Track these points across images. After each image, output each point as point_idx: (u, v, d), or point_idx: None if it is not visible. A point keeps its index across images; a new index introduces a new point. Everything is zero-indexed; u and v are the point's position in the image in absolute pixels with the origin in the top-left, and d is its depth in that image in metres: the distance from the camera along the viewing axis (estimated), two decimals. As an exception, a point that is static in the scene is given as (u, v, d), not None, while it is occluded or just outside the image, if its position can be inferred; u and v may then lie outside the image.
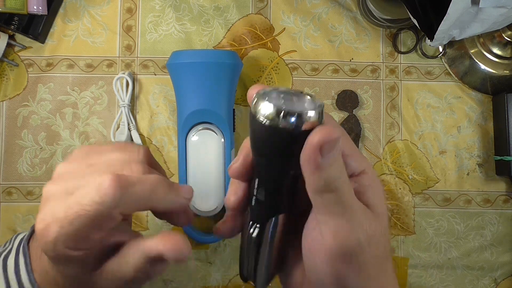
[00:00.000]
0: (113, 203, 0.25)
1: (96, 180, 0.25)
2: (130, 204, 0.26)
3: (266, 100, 0.23)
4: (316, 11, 0.60)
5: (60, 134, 0.58)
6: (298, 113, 0.23)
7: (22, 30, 0.56)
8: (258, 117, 0.23)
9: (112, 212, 0.26)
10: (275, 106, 0.23)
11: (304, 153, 0.24)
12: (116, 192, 0.25)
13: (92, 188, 0.25)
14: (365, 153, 0.59)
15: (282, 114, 0.23)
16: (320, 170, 0.24)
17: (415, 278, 0.58)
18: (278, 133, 0.23)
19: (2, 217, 0.57)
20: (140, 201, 0.27)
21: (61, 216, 0.25)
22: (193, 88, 0.52)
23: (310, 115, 0.23)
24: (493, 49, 0.57)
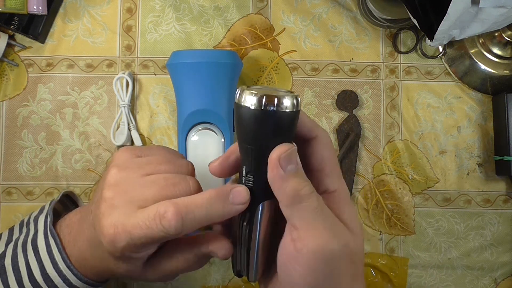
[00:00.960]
0: (176, 231, 0.28)
1: (161, 208, 0.28)
2: (191, 228, 0.29)
3: (249, 89, 0.28)
4: (316, 11, 0.60)
5: (60, 134, 0.58)
6: (277, 96, 0.27)
7: (22, 30, 0.56)
8: (244, 104, 0.27)
9: (174, 236, 0.29)
10: (258, 93, 0.27)
11: (269, 171, 0.27)
12: (178, 224, 0.28)
13: (157, 215, 0.28)
14: (365, 153, 0.59)
15: (265, 98, 0.27)
16: (284, 182, 0.27)
17: (415, 278, 0.58)
18: (262, 116, 0.27)
19: (2, 217, 0.57)
20: (199, 223, 0.30)
21: (130, 229, 0.29)
22: (193, 88, 0.51)
23: (288, 98, 0.27)
24: (493, 49, 0.57)
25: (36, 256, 0.37)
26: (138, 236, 0.29)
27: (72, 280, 0.36)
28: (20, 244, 0.39)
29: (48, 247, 0.37)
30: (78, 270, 0.36)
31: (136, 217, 0.29)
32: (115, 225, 0.29)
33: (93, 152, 0.58)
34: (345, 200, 0.31)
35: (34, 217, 0.42)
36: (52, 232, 0.37)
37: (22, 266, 0.37)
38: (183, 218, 0.28)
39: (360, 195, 0.59)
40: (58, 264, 0.36)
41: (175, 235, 0.29)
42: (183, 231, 0.29)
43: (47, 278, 0.36)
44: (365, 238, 0.58)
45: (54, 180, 0.58)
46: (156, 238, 0.29)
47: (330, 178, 0.30)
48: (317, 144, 0.31)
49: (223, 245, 0.32)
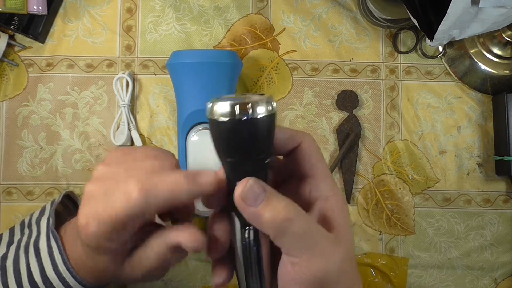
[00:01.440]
0: (140, 209, 0.28)
1: (128, 188, 0.29)
2: (156, 205, 0.29)
3: (220, 101, 0.26)
4: (316, 11, 0.60)
5: (60, 134, 0.58)
6: (250, 103, 0.26)
7: (22, 30, 0.56)
8: (217, 118, 0.26)
9: (140, 216, 0.29)
10: (229, 103, 0.26)
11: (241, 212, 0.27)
12: (141, 200, 0.28)
13: (123, 196, 0.29)
14: (365, 153, 0.59)
15: (237, 107, 0.26)
16: (260, 217, 0.26)
17: (415, 278, 0.58)
18: (238, 126, 0.26)
19: (2, 217, 0.57)
20: (164, 200, 0.29)
21: (100, 215, 0.29)
22: (193, 88, 0.51)
23: (260, 102, 0.26)
24: (493, 49, 0.57)
25: (37, 258, 0.37)
26: (105, 220, 0.29)
27: (71, 283, 0.36)
28: (23, 246, 0.39)
29: (50, 248, 0.37)
30: (77, 273, 0.36)
31: (107, 202, 0.29)
32: (87, 215, 0.30)
33: (93, 152, 0.58)
34: (340, 205, 0.30)
35: (36, 218, 0.42)
36: (54, 233, 0.37)
37: (22, 268, 0.37)
38: (147, 195, 0.28)
39: (360, 195, 0.59)
40: (58, 266, 0.36)
41: (139, 212, 0.28)
42: (147, 208, 0.28)
43: (46, 280, 0.36)
44: (365, 238, 0.58)
45: (54, 180, 0.58)
46: (122, 219, 0.29)
47: (324, 183, 0.30)
48: (304, 151, 0.30)
49: (192, 234, 0.30)
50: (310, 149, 0.30)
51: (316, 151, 0.30)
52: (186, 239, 0.30)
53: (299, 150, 0.30)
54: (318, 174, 0.30)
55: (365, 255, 0.58)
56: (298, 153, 0.30)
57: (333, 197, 0.30)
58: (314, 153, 0.30)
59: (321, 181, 0.30)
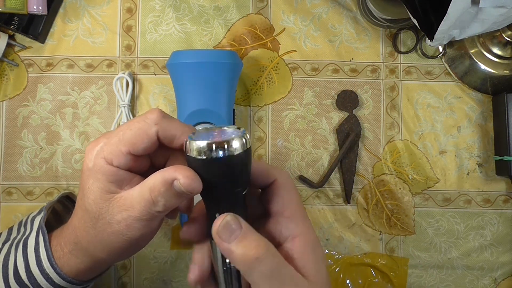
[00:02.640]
0: (155, 120, 0.31)
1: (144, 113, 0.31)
2: (166, 128, 0.31)
3: (196, 140, 0.27)
4: (316, 11, 0.60)
5: (60, 134, 0.58)
6: (226, 141, 0.27)
7: (22, 30, 0.56)
8: (195, 156, 0.27)
9: (151, 130, 0.31)
10: (206, 142, 0.27)
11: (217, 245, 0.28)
12: (158, 115, 0.31)
13: (139, 116, 0.31)
14: (365, 153, 0.59)
15: (214, 146, 0.27)
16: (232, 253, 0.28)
17: (415, 278, 0.58)
18: (214, 163, 0.27)
19: (2, 217, 0.57)
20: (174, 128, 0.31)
21: (110, 136, 0.31)
22: (193, 88, 0.51)
23: (236, 139, 0.27)
24: (493, 49, 0.57)
25: (24, 254, 0.37)
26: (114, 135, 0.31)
27: (55, 279, 0.36)
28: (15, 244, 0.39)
29: (37, 244, 0.37)
30: (62, 269, 0.35)
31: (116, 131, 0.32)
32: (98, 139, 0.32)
33: (93, 152, 0.58)
34: (310, 245, 0.30)
35: (32, 217, 0.42)
36: (43, 230, 0.37)
37: (10, 263, 0.37)
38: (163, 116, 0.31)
39: (360, 195, 0.59)
40: (42, 262, 0.36)
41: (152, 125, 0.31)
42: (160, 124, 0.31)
43: (30, 276, 0.36)
44: (365, 238, 0.58)
45: (54, 180, 0.58)
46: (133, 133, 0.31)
47: (293, 222, 0.30)
48: (277, 187, 0.31)
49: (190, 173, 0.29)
50: (284, 187, 0.31)
51: (290, 188, 0.31)
52: (183, 174, 0.29)
53: (273, 187, 0.31)
54: (289, 213, 0.31)
55: (365, 255, 0.58)
56: (272, 189, 0.31)
57: (301, 238, 0.30)
58: (287, 191, 0.31)
59: (291, 220, 0.30)
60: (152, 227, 0.33)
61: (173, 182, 0.29)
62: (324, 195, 0.59)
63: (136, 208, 0.31)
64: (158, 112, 0.31)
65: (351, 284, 0.58)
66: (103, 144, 0.31)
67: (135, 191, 0.31)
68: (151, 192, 0.30)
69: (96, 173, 0.31)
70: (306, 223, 0.31)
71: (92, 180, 0.31)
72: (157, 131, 0.31)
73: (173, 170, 0.30)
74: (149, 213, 0.31)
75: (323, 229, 0.59)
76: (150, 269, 0.57)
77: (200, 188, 0.29)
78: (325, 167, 0.59)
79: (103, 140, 0.31)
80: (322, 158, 0.59)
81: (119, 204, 0.31)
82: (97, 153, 0.31)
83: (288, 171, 0.31)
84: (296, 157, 0.59)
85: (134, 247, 0.35)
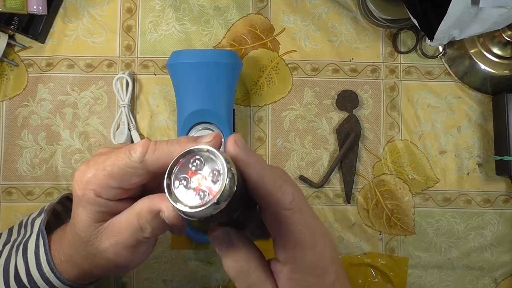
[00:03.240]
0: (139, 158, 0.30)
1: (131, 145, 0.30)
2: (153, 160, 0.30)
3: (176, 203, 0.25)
4: (316, 11, 0.60)
5: (60, 134, 0.58)
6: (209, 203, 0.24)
7: (22, 30, 0.56)
8: (181, 214, 0.25)
9: (137, 167, 0.30)
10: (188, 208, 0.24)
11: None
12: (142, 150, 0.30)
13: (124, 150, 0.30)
14: (365, 153, 0.59)
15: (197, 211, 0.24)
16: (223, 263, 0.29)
17: (415, 278, 0.58)
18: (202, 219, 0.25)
19: (2, 217, 0.57)
20: (161, 156, 0.30)
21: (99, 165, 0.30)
22: (193, 88, 0.51)
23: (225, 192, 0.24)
24: (493, 49, 0.57)
25: (24, 257, 0.37)
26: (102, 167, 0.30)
27: (55, 283, 0.36)
28: (15, 246, 0.39)
29: (37, 248, 0.37)
30: (61, 273, 0.36)
31: (106, 158, 0.32)
32: (87, 165, 0.32)
33: (93, 152, 0.58)
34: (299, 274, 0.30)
35: (32, 219, 0.42)
36: (43, 233, 0.37)
37: (11, 267, 0.37)
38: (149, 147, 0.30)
39: (360, 195, 0.59)
40: (42, 266, 0.36)
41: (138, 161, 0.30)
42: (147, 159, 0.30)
43: (31, 280, 0.36)
44: (365, 238, 0.58)
45: (54, 180, 0.58)
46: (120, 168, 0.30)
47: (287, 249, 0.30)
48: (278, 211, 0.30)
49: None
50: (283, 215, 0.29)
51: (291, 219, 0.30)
52: (167, 207, 0.29)
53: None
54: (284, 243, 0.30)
55: (365, 255, 0.58)
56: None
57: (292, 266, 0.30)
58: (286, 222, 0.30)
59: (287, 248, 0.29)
60: (140, 252, 0.33)
61: (159, 212, 0.30)
62: (324, 195, 0.59)
63: (124, 234, 0.31)
64: (142, 147, 0.30)
65: (351, 284, 0.58)
66: (92, 176, 0.30)
67: (122, 216, 0.31)
68: (139, 218, 0.30)
69: (86, 204, 0.31)
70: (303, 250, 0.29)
71: (82, 208, 0.32)
72: (145, 167, 0.30)
73: (160, 201, 0.29)
74: (137, 239, 0.31)
75: (323, 229, 0.59)
76: (150, 269, 0.57)
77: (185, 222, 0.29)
78: (325, 167, 0.59)
79: (92, 170, 0.31)
80: (322, 158, 0.59)
81: (107, 231, 0.31)
82: (86, 184, 0.31)
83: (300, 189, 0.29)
84: (296, 157, 0.59)
85: (124, 269, 0.35)
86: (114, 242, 0.31)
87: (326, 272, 0.29)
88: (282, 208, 0.27)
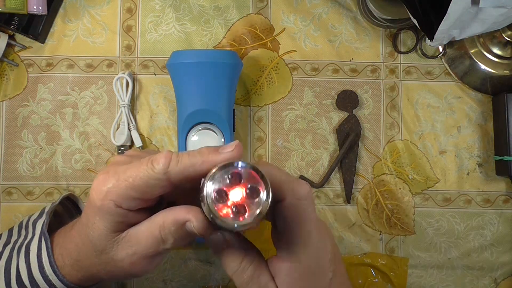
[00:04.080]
0: (163, 170, 0.29)
1: (153, 157, 0.30)
2: (176, 172, 0.30)
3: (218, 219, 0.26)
4: (316, 11, 0.60)
5: (60, 134, 0.58)
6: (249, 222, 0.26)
7: (22, 30, 0.56)
8: (209, 219, 0.27)
9: (160, 179, 0.29)
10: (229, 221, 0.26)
11: None
12: (165, 162, 0.29)
13: (146, 162, 0.30)
14: (365, 153, 0.59)
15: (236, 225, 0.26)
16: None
17: (415, 278, 0.58)
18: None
19: (2, 217, 0.57)
20: (184, 168, 0.30)
21: (120, 175, 0.30)
22: (193, 88, 0.51)
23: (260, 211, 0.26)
24: (493, 49, 0.57)
25: (26, 259, 0.37)
26: (124, 177, 0.30)
27: (57, 285, 0.36)
28: (17, 247, 0.39)
29: (39, 250, 0.37)
30: (64, 276, 0.36)
31: (128, 166, 0.31)
32: (108, 171, 0.31)
33: (93, 152, 0.58)
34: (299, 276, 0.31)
35: (33, 220, 0.42)
36: (45, 235, 0.37)
37: (13, 268, 0.37)
38: (172, 160, 0.30)
39: (360, 195, 0.59)
40: (44, 268, 0.36)
41: (161, 173, 0.30)
42: (170, 172, 0.30)
43: (33, 282, 0.36)
44: (365, 238, 0.58)
45: (54, 180, 0.58)
46: (143, 179, 0.30)
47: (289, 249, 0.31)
48: (284, 209, 0.31)
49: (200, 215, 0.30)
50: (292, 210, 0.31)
51: (298, 215, 0.31)
52: (196, 218, 0.29)
53: (281, 207, 0.31)
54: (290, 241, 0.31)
55: (365, 255, 0.58)
56: (280, 209, 0.31)
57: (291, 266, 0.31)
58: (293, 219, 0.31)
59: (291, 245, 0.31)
60: (155, 262, 0.34)
61: (185, 223, 0.30)
62: (324, 195, 0.59)
63: (143, 244, 0.31)
64: (164, 159, 0.30)
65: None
66: (112, 186, 0.30)
67: (142, 227, 0.31)
68: (161, 230, 0.30)
69: (104, 214, 0.31)
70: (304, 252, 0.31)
71: (99, 217, 0.31)
72: (168, 178, 0.30)
73: (186, 212, 0.30)
74: (156, 250, 0.31)
75: (323, 229, 0.59)
76: (150, 269, 0.57)
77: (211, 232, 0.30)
78: (325, 167, 0.59)
79: (112, 180, 0.30)
80: (322, 158, 0.59)
81: (125, 241, 0.31)
82: (106, 194, 0.30)
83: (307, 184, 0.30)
84: (296, 157, 0.59)
85: (134, 277, 0.35)
86: (131, 253, 0.31)
87: (324, 270, 0.31)
88: (298, 197, 0.29)
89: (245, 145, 0.59)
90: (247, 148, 0.59)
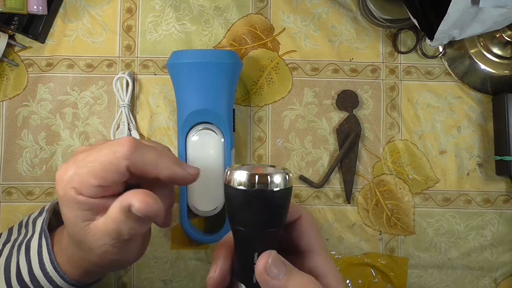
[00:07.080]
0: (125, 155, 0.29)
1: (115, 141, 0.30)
2: (138, 162, 0.30)
3: (238, 170, 0.27)
4: (316, 11, 0.60)
5: (60, 134, 0.58)
6: (267, 174, 0.26)
7: (22, 30, 0.56)
8: (234, 185, 0.27)
9: (120, 164, 0.29)
10: (247, 172, 0.27)
11: (264, 285, 0.27)
12: (130, 147, 0.29)
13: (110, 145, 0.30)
14: (365, 153, 0.59)
15: (256, 178, 0.26)
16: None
17: (415, 278, 0.58)
18: (253, 196, 0.27)
19: (2, 217, 0.57)
20: (147, 162, 0.30)
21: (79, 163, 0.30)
22: (193, 88, 0.51)
23: (277, 176, 0.27)
24: (493, 49, 0.57)
25: (27, 256, 0.37)
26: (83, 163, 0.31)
27: (58, 282, 0.36)
28: (17, 245, 0.39)
29: (40, 247, 0.37)
30: (65, 272, 0.36)
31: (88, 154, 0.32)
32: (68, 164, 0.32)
33: (93, 152, 0.58)
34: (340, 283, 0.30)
35: (33, 218, 0.42)
36: (45, 233, 0.37)
37: (12, 266, 0.37)
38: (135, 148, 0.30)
39: (360, 195, 0.59)
40: (45, 265, 0.36)
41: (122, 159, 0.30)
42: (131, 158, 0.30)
43: (33, 279, 0.36)
44: (365, 238, 0.58)
45: (54, 180, 0.58)
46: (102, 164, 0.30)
47: (323, 261, 0.30)
48: (303, 224, 0.31)
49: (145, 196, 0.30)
50: (311, 225, 0.31)
51: (315, 226, 0.31)
52: (137, 199, 0.29)
53: (298, 223, 0.31)
54: (317, 249, 0.31)
55: (365, 255, 0.58)
56: (297, 226, 0.31)
57: (331, 275, 0.30)
58: (312, 228, 0.31)
59: (320, 258, 0.30)
60: (132, 248, 0.33)
61: (130, 209, 0.29)
62: (324, 195, 0.59)
63: (106, 237, 0.31)
64: (130, 144, 0.30)
65: (351, 284, 0.58)
66: (72, 174, 0.30)
67: (100, 222, 0.31)
68: (113, 223, 0.30)
69: (69, 203, 0.31)
70: (331, 259, 0.31)
71: (65, 207, 0.31)
72: (127, 166, 0.30)
73: (130, 195, 0.29)
74: (120, 240, 0.31)
75: (323, 229, 0.59)
76: (150, 269, 0.57)
77: (161, 211, 0.29)
78: (325, 167, 0.59)
79: (72, 168, 0.31)
80: (322, 158, 0.59)
81: (93, 233, 0.31)
82: (67, 182, 0.30)
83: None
84: (296, 157, 0.59)
85: (122, 264, 0.35)
86: (101, 243, 0.31)
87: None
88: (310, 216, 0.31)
89: (245, 145, 0.59)
90: (247, 148, 0.59)
